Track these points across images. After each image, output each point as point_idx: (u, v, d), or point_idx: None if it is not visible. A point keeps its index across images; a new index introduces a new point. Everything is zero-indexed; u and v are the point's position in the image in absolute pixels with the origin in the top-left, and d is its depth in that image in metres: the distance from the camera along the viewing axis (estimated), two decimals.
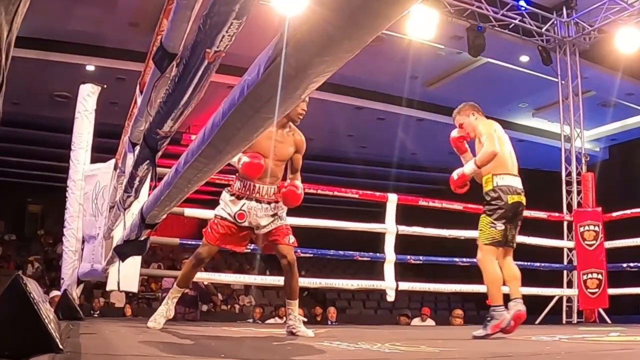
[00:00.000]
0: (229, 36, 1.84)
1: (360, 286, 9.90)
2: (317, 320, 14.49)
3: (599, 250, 10.87)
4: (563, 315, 12.13)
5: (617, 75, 15.66)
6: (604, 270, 10.87)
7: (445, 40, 14.69)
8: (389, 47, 14.61)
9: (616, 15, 13.51)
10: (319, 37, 1.37)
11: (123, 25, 14.30)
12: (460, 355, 4.28)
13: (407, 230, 9.49)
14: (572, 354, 4.54)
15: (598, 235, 10.90)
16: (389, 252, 9.32)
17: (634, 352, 4.84)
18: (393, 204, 9.44)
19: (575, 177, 13.55)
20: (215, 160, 2.36)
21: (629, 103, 18.71)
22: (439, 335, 7.12)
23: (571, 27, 14.53)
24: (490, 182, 6.18)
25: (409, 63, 15.50)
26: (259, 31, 4.70)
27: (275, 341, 5.45)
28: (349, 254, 9.70)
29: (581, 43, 14.56)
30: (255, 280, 11.20)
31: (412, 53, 14.86)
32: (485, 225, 6.16)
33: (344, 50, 1.41)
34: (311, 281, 9.92)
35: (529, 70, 15.89)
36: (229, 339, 5.48)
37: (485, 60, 15.83)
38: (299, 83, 1.53)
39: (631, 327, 9.44)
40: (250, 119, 1.83)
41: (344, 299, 22.73)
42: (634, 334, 7.00)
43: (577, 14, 14.33)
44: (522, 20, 13.94)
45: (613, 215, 11.20)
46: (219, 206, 6.16)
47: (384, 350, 4.25)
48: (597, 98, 17.91)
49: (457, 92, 17.74)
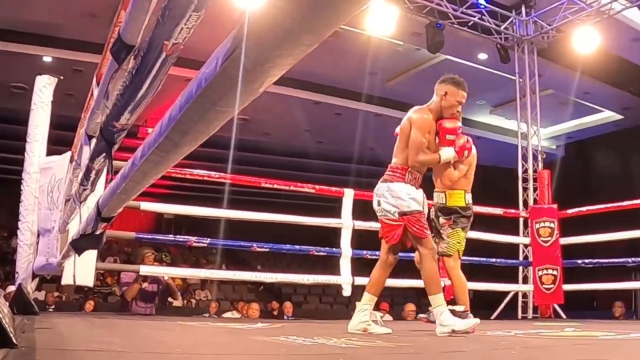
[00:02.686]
0: (188, 28, 1.82)
1: (316, 281, 9.91)
2: (273, 315, 14.49)
3: (554, 246, 10.96)
4: (519, 310, 12.22)
5: (574, 74, 15.81)
6: (559, 267, 10.95)
7: (405, 37, 14.73)
8: (348, 43, 14.62)
9: (574, 15, 13.64)
10: (278, 30, 1.36)
11: (81, 16, 14.13)
12: (416, 350, 4.29)
13: (363, 225, 9.50)
14: (527, 348, 4.58)
15: (553, 231, 10.98)
16: (345, 247, 9.32)
17: (588, 347, 4.88)
18: (349, 199, 9.45)
19: (531, 174, 13.66)
20: (171, 154, 2.34)
21: (585, 102, 18.90)
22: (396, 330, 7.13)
23: (530, 26, 14.65)
24: (462, 198, 6.31)
25: (367, 59, 15.51)
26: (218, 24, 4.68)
27: (232, 336, 5.43)
28: (305, 249, 9.70)
29: (539, 42, 14.68)
30: (212, 275, 11.18)
31: (371, 49, 14.88)
32: (460, 238, 6.28)
33: (302, 44, 1.40)
34: (267, 276, 9.91)
35: (487, 67, 15.99)
36: (185, 334, 5.45)
37: (444, 57, 15.89)
38: (257, 76, 1.52)
39: (586, 322, 9.54)
40: (207, 112, 1.81)
41: (300, 294, 22.71)
42: (588, 329, 7.06)
43: (536, 13, 14.44)
44: (481, 18, 14.02)
45: (568, 212, 11.30)
46: (402, 202, 5.70)
47: (340, 345, 4.24)
48: (554, 96, 18.06)
49: (415, 88, 17.74)
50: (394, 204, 5.69)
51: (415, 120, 5.87)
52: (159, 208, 9.60)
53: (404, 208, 5.65)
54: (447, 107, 5.97)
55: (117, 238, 16.10)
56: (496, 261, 11.13)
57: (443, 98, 5.96)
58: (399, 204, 5.67)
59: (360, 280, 9.47)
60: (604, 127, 21.04)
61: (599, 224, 10.93)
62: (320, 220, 9.57)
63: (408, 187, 5.73)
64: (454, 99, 5.97)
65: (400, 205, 5.66)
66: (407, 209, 5.64)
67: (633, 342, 5.25)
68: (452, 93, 5.97)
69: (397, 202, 5.69)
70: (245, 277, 10.35)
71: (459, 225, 6.26)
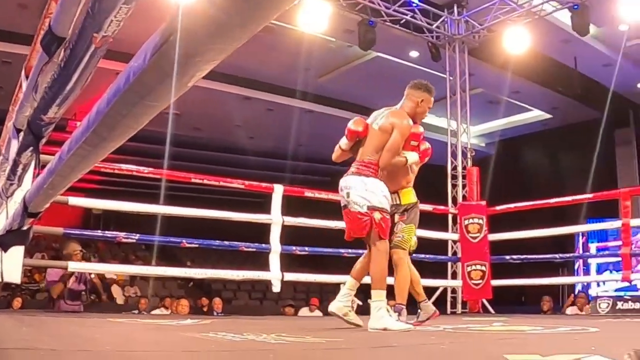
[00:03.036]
0: (118, 21, 1.80)
1: (245, 277, 9.87)
2: (202, 311, 14.41)
3: (483, 242, 11.07)
4: (447, 305, 12.32)
5: (504, 73, 16.01)
6: (488, 262, 11.07)
7: (337, 34, 14.76)
8: (280, 39, 14.60)
9: (506, 15, 13.82)
10: (208, 23, 1.35)
11: (11, 6, 13.85)
12: (346, 346, 4.30)
13: (292, 221, 9.51)
14: (456, 343, 4.61)
15: (482, 228, 11.09)
16: (275, 243, 9.31)
17: (516, 341, 4.94)
18: (279, 195, 9.44)
19: (460, 171, 13.78)
20: (99, 148, 2.31)
21: (515, 101, 19.15)
22: (325, 325, 7.14)
23: (461, 25, 14.78)
24: (413, 195, 6.49)
25: (299, 55, 15.50)
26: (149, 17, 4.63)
27: (162, 333, 5.40)
28: (235, 245, 9.64)
29: (471, 41, 14.82)
30: (141, 271, 11.08)
31: (303, 45, 14.86)
32: (413, 233, 6.41)
33: (232, 38, 1.40)
34: (197, 272, 9.87)
35: (418, 65, 16.08)
36: (114, 331, 5.40)
37: (376, 54, 15.96)
38: (186, 70, 1.51)
39: (514, 317, 9.68)
40: (135, 106, 1.79)
41: (230, 290, 22.61)
42: (516, 323, 7.18)
43: (468, 13, 14.59)
44: (413, 17, 14.09)
45: (497, 209, 11.43)
46: (375, 196, 5.83)
47: (269, 341, 4.24)
48: (484, 95, 18.26)
49: (347, 85, 17.92)
50: (365, 197, 5.79)
51: (399, 125, 5.97)
52: (88, 203, 9.47)
53: (375, 203, 5.77)
54: (421, 113, 6.22)
55: (45, 234, 15.87)
56: (425, 257, 11.20)
57: (419, 104, 6.17)
58: (370, 197, 5.78)
59: (290, 276, 9.48)
60: (533, 126, 21.36)
61: (528, 221, 11.09)
62: (250, 215, 9.53)
63: (382, 184, 5.87)
64: (427, 105, 6.24)
65: (371, 200, 5.77)
66: (378, 204, 5.77)
67: (560, 335, 5.33)
68: (427, 100, 6.22)
69: (369, 195, 5.79)
70: (174, 273, 10.28)
71: (412, 221, 6.38)
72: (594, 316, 9.96)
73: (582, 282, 12.94)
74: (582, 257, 16.06)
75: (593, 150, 18.13)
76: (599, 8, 12.80)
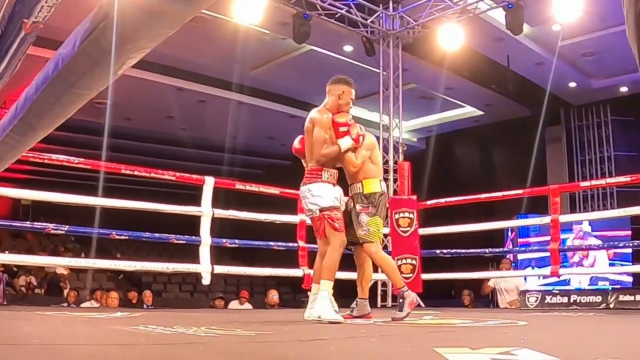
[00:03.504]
0: (48, 7, 1.76)
1: (176, 269, 9.80)
2: (132, 304, 14.28)
3: (413, 236, 11.10)
4: (378, 299, 12.38)
5: (438, 69, 16.14)
6: (418, 256, 11.12)
7: (271, 26, 14.71)
8: (214, 29, 14.51)
9: (440, 12, 13.91)
10: (139, 11, 1.32)
11: None
12: (276, 339, 4.29)
13: (223, 213, 9.48)
14: (386, 336, 4.63)
15: (412, 222, 11.12)
16: (205, 235, 9.27)
17: (446, 334, 4.98)
18: (209, 187, 9.40)
19: (392, 165, 13.87)
20: (27, 137, 2.26)
21: (448, 97, 19.30)
22: (255, 318, 7.13)
23: (396, 21, 14.83)
24: (378, 185, 6.56)
25: (233, 46, 15.41)
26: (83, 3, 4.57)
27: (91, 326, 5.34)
28: (165, 237, 9.57)
29: (405, 36, 14.89)
30: (70, 263, 10.94)
31: (237, 36, 14.78)
32: (380, 225, 6.51)
33: (163, 27, 1.37)
34: (127, 264, 9.78)
35: (352, 60, 16.12)
36: (43, 324, 5.34)
37: (310, 47, 15.94)
38: (116, 58, 1.48)
39: (443, 310, 9.79)
40: (64, 94, 1.75)
41: (160, 282, 22.49)
42: (446, 317, 7.30)
43: (403, 9, 14.64)
44: (348, 11, 14.08)
45: (427, 204, 11.51)
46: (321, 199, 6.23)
47: (199, 334, 4.22)
48: (417, 90, 18.37)
49: (280, 78, 17.90)
50: (314, 202, 6.23)
51: (317, 119, 6.35)
52: (16, 194, 9.33)
53: (323, 204, 6.18)
54: (344, 105, 6.51)
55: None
56: None
57: (340, 97, 6.47)
58: (318, 201, 6.20)
59: (220, 268, 9.44)
60: (465, 122, 21.55)
61: (459, 216, 11.20)
62: (180, 208, 9.46)
63: (326, 185, 6.29)
64: (349, 97, 6.54)
65: (319, 202, 6.19)
66: (325, 204, 6.18)
67: (489, 329, 5.39)
68: (347, 92, 6.54)
69: (317, 199, 6.23)
70: (104, 265, 10.16)
71: (377, 213, 6.46)
72: (523, 310, 10.08)
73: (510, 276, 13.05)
74: (511, 252, 16.20)
75: (524, 147, 18.41)
76: (533, 8, 12.95)
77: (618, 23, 13.87)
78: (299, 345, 3.93)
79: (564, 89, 18.06)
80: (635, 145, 18.76)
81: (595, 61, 16.83)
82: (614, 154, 18.77)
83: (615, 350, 3.65)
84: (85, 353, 3.21)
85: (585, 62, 17.09)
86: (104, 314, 7.24)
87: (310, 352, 3.57)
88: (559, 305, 9.89)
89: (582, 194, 19.01)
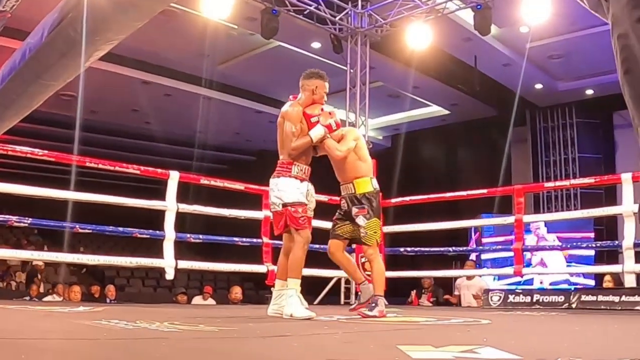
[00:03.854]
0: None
1: (139, 264, 9.77)
2: (95, 298, 14.22)
3: None
4: (341, 296, 12.39)
5: (405, 68, 16.18)
6: (382, 254, 11.15)
7: (240, 21, 14.65)
8: (181, 23, 14.44)
9: (409, 11, 13.92)
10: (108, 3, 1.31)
11: None
12: (238, 335, 4.29)
13: (187, 208, 9.46)
14: (349, 333, 4.65)
15: None
16: (169, 230, 9.24)
17: (409, 332, 5.00)
18: (174, 182, 9.37)
19: None
20: None
21: (414, 96, 19.33)
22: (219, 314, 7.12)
23: (365, 19, 14.82)
24: (370, 184, 6.65)
25: (201, 40, 15.33)
26: None
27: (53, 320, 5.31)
28: (129, 231, 9.53)
29: (373, 35, 14.89)
30: (33, 256, 10.86)
31: (205, 31, 14.72)
32: (378, 227, 6.62)
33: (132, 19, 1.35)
34: (90, 258, 9.72)
35: (320, 56, 16.10)
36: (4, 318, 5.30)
37: (278, 43, 15.90)
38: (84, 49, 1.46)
39: (407, 308, 9.83)
40: (31, 85, 1.73)
41: (123, 277, 22.38)
42: (409, 314, 7.31)
43: (372, 7, 14.64)
44: (317, 8, 14.05)
45: (392, 201, 11.54)
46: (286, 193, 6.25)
47: (162, 329, 4.20)
48: (384, 89, 18.40)
49: (247, 73, 17.85)
50: (278, 196, 6.25)
51: (287, 112, 6.39)
52: None
53: (286, 199, 6.19)
54: (319, 99, 6.55)
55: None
56: (320, 247, 11.22)
57: (314, 92, 6.51)
58: (282, 195, 6.23)
59: (183, 263, 9.42)
60: (431, 121, 21.61)
61: (424, 214, 11.25)
62: (144, 202, 9.42)
63: (293, 180, 6.31)
64: (323, 90, 6.58)
65: (282, 197, 6.21)
66: (288, 200, 6.19)
67: (452, 327, 5.42)
68: (321, 86, 6.57)
69: (281, 194, 6.25)
70: (67, 259, 10.10)
71: (374, 214, 6.54)
72: (486, 309, 10.14)
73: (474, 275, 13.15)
74: (475, 251, 16.31)
75: (489, 147, 18.51)
76: (501, 9, 12.98)
77: (586, 26, 14.01)
78: (262, 341, 3.93)
79: (531, 90, 18.15)
80: (600, 148, 18.95)
81: (562, 64, 16.96)
82: (578, 155, 18.91)
83: (577, 349, 3.69)
84: (46, 347, 3.19)
85: (552, 64, 17.21)
86: (67, 308, 7.19)
87: (274, 348, 3.57)
88: (522, 305, 9.95)
89: (546, 194, 19.14)
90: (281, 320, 5.60)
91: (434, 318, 6.32)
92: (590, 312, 8.78)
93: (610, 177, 11.40)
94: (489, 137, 19.64)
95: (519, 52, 15.98)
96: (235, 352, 3.24)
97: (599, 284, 12.46)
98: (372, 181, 6.66)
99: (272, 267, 7.78)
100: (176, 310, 8.41)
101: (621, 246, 9.21)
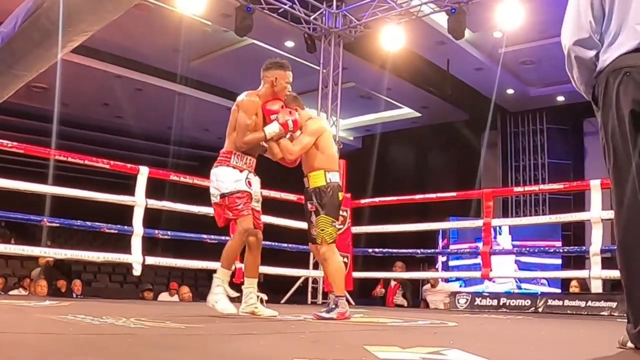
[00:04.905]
0: None
1: (106, 259, 9.72)
2: (61, 293, 14.13)
3: (346, 234, 11.13)
4: (308, 296, 12.39)
5: (378, 69, 16.23)
6: (350, 254, 11.18)
7: (214, 17, 14.63)
8: (156, 18, 14.40)
9: (383, 13, 13.95)
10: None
11: None
12: (205, 332, 4.27)
13: (156, 204, 9.43)
14: (316, 333, 4.64)
15: (346, 220, 11.14)
16: (137, 226, 9.21)
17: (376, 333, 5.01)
18: (144, 177, 9.33)
19: None
20: None
21: (386, 97, 19.39)
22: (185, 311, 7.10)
23: (339, 19, 14.83)
24: (322, 177, 6.23)
25: (174, 36, 15.30)
26: None
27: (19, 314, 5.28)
28: (97, 226, 9.49)
29: (347, 35, 14.90)
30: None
31: (179, 27, 14.69)
32: (327, 225, 6.21)
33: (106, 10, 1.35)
34: (57, 252, 9.68)
35: (293, 55, 16.08)
36: None
37: (251, 41, 15.88)
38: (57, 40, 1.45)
39: (374, 308, 9.86)
40: (2, 75, 1.72)
41: (90, 272, 22.31)
42: (375, 315, 7.33)
43: (346, 7, 14.66)
44: (291, 7, 14.04)
45: (361, 202, 11.57)
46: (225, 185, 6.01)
47: (129, 325, 4.19)
48: (356, 89, 18.43)
49: (219, 70, 17.84)
50: (216, 187, 6.06)
51: (242, 103, 6.13)
52: None
53: (223, 190, 5.99)
54: (280, 91, 6.24)
55: None
56: (287, 246, 11.23)
57: (274, 83, 6.19)
58: (220, 186, 6.02)
59: (151, 259, 9.40)
60: (402, 123, 21.68)
61: (393, 216, 11.29)
62: (112, 196, 9.36)
63: (230, 170, 6.04)
64: (284, 81, 6.23)
65: (220, 188, 6.01)
66: (226, 191, 5.97)
67: (419, 328, 5.43)
68: (282, 76, 6.22)
69: (219, 184, 6.04)
70: (33, 252, 10.02)
71: (323, 210, 6.19)
72: (452, 311, 10.17)
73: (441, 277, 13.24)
74: (442, 253, 16.41)
75: (460, 151, 18.59)
76: (475, 14, 13.02)
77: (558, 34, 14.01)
78: (229, 339, 3.93)
79: (502, 95, 18.23)
80: (569, 154, 19.08)
81: (534, 70, 17.08)
82: (548, 161, 19.05)
83: (543, 352, 3.72)
84: (11, 341, 3.15)
85: (524, 70, 17.35)
86: (32, 302, 7.15)
87: (240, 346, 3.55)
88: (489, 308, 9.99)
89: (514, 199, 19.25)
90: (248, 320, 5.58)
91: (401, 319, 6.32)
92: (556, 316, 8.83)
93: (580, 184, 11.48)
94: (460, 141, 19.75)
95: (491, 56, 16.09)
96: (201, 350, 3.23)
97: (565, 290, 12.55)
98: (327, 174, 6.21)
99: (240, 265, 7.77)
100: (143, 307, 8.38)
101: (588, 252, 9.28)
